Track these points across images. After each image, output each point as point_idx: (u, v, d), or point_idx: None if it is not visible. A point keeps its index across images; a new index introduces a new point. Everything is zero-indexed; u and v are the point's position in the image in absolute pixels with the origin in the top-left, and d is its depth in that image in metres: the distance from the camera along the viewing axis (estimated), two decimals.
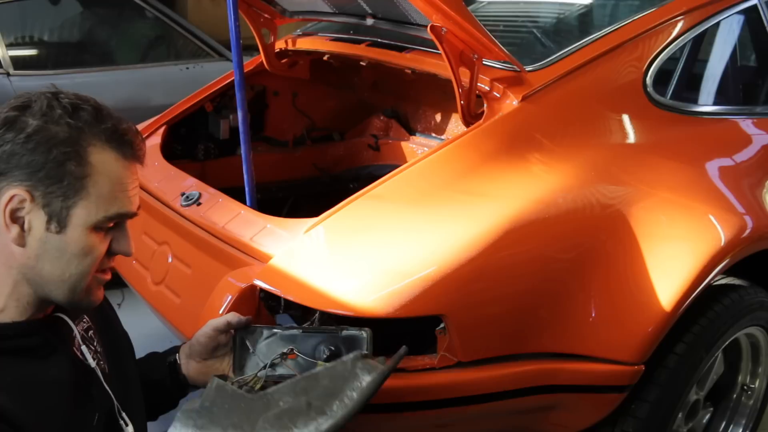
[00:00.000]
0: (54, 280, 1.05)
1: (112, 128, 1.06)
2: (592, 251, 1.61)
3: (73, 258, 1.05)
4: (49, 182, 1.01)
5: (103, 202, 1.05)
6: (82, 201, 1.03)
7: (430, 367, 1.49)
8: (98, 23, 4.28)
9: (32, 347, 1.06)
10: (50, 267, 1.04)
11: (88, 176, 1.03)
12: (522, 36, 2.31)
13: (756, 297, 1.90)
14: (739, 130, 2.15)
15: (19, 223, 1.01)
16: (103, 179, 1.04)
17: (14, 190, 1.00)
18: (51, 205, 1.02)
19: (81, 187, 1.02)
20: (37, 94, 1.04)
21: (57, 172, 1.01)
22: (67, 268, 1.05)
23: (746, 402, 2.17)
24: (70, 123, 1.02)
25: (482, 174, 1.68)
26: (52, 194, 1.01)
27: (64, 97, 1.04)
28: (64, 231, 1.03)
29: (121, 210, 1.07)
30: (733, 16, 2.16)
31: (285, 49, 2.44)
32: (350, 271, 1.53)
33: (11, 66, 3.47)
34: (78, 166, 1.02)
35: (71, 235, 1.03)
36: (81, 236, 1.04)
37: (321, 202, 1.86)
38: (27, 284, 1.05)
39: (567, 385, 1.61)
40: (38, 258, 1.03)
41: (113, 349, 1.25)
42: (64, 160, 1.01)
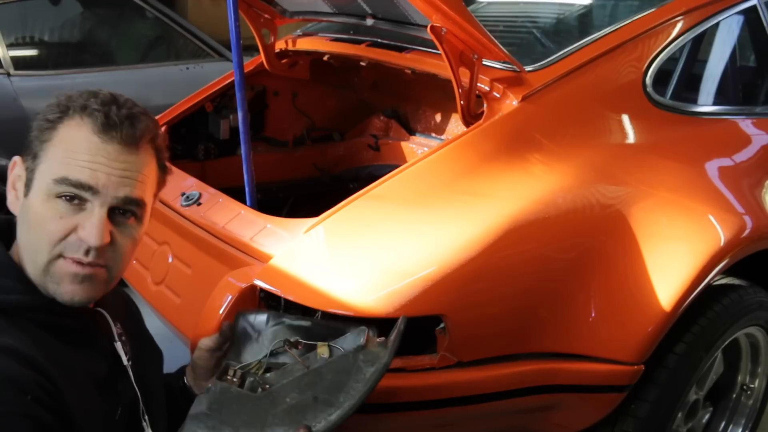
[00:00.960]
0: (25, 249, 1.08)
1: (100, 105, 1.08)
2: (591, 251, 1.61)
3: (32, 224, 1.06)
4: (27, 149, 1.09)
5: (55, 166, 1.06)
6: (42, 164, 1.07)
7: (430, 367, 1.49)
8: (98, 23, 4.28)
9: (72, 329, 1.10)
10: (21, 234, 1.09)
11: (49, 141, 1.07)
12: (522, 36, 2.31)
13: (755, 297, 1.91)
14: (739, 131, 2.15)
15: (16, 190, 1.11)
16: (62, 145, 1.07)
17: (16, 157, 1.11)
18: (27, 170, 1.08)
19: (42, 150, 1.07)
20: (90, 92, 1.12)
21: (33, 139, 1.09)
22: (29, 236, 1.07)
23: (746, 402, 2.17)
24: (69, 102, 1.09)
25: (482, 174, 1.68)
26: (27, 158, 1.09)
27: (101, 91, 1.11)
28: (29, 194, 1.07)
29: (68, 175, 1.05)
30: (732, 16, 2.16)
31: (285, 50, 2.44)
32: (350, 271, 1.53)
33: (12, 66, 3.47)
34: (46, 132, 1.07)
35: (32, 199, 1.07)
36: (38, 202, 1.06)
37: (321, 202, 1.86)
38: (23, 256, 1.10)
39: (567, 385, 1.61)
40: (19, 225, 1.09)
41: (142, 358, 1.28)
42: (41, 130, 1.08)
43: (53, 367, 1.02)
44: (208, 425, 1.15)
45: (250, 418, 1.17)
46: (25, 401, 0.95)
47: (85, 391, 1.08)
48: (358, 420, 1.44)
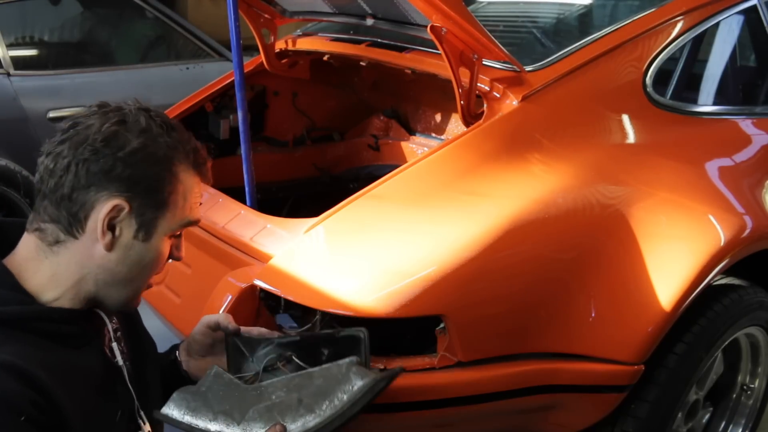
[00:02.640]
0: (123, 283, 1.14)
1: (195, 149, 1.17)
2: (591, 251, 1.61)
3: (149, 264, 1.15)
4: (146, 195, 1.10)
5: (181, 213, 1.16)
6: (168, 213, 1.13)
7: (430, 367, 1.49)
8: (98, 23, 4.28)
9: (70, 335, 1.11)
10: (126, 271, 1.13)
11: (176, 191, 1.14)
12: (522, 36, 2.31)
13: (755, 297, 1.91)
14: (739, 131, 2.15)
15: (112, 230, 1.09)
16: (186, 194, 1.16)
17: (116, 200, 1.08)
18: (144, 216, 1.11)
19: (171, 201, 1.13)
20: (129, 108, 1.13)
21: (154, 186, 1.11)
22: (140, 273, 1.15)
23: (746, 402, 2.17)
24: (168, 142, 1.12)
25: (482, 174, 1.68)
26: (146, 206, 1.11)
27: (155, 114, 1.14)
28: (149, 239, 1.13)
29: (192, 219, 1.19)
30: (732, 16, 2.16)
31: (285, 49, 2.44)
32: (350, 271, 1.53)
33: (11, 66, 3.47)
34: (171, 183, 1.12)
35: (154, 243, 1.14)
36: (160, 244, 1.15)
37: (321, 202, 1.86)
38: (93, 283, 1.12)
39: (567, 385, 1.61)
40: (118, 262, 1.12)
41: (138, 352, 1.29)
42: (161, 176, 1.11)
43: (52, 378, 1.02)
44: (190, 405, 1.20)
45: (232, 407, 1.20)
46: (18, 422, 0.96)
47: (86, 398, 1.09)
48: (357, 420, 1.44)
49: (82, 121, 1.11)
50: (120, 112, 1.12)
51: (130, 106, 1.14)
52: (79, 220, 1.09)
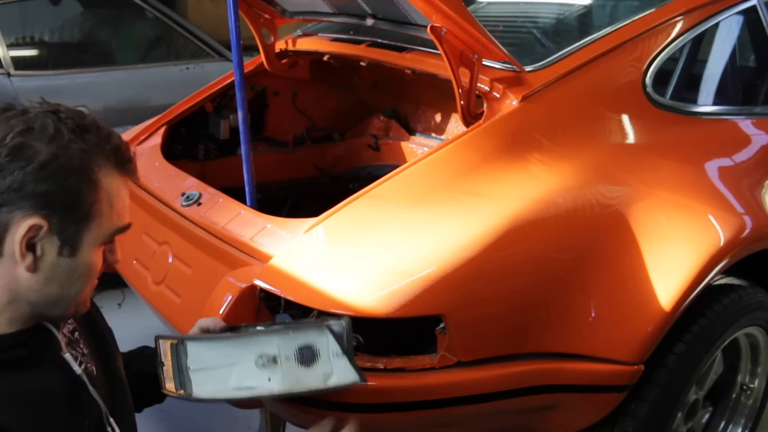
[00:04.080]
0: (58, 300, 1.06)
1: (115, 148, 1.06)
2: (591, 251, 1.61)
3: (81, 277, 1.06)
4: (65, 209, 1.00)
5: (110, 221, 1.06)
6: (93, 223, 1.04)
7: (430, 367, 1.49)
8: (98, 23, 4.28)
9: (19, 359, 1.05)
10: (58, 289, 1.05)
11: (100, 200, 1.03)
12: (522, 36, 2.31)
13: (755, 297, 1.91)
14: (739, 131, 2.15)
15: (32, 250, 1.00)
16: (111, 199, 1.05)
17: (32, 219, 0.98)
18: (65, 231, 1.01)
19: (94, 211, 1.03)
20: (34, 112, 1.02)
21: (73, 199, 1.01)
22: (74, 287, 1.06)
23: (745, 401, 2.17)
24: (82, 148, 1.01)
25: (482, 174, 1.68)
26: (67, 220, 1.01)
27: (65, 116, 1.02)
28: (76, 254, 1.03)
29: (122, 224, 1.09)
30: (732, 16, 2.16)
31: (285, 50, 2.44)
32: (350, 271, 1.53)
33: (12, 66, 3.47)
34: (91, 192, 1.02)
35: (82, 256, 1.04)
36: (90, 256, 1.05)
37: (321, 202, 1.86)
38: (26, 305, 1.04)
39: (567, 385, 1.61)
40: (47, 282, 1.03)
41: (100, 347, 1.25)
42: (80, 188, 1.01)
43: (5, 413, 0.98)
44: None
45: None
46: None
47: (47, 421, 1.05)
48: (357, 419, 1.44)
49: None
50: (25, 116, 1.00)
51: (36, 109, 1.02)
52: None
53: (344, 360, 1.25)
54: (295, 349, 1.25)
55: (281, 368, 1.25)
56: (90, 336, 1.23)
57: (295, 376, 1.25)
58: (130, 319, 1.44)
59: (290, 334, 1.26)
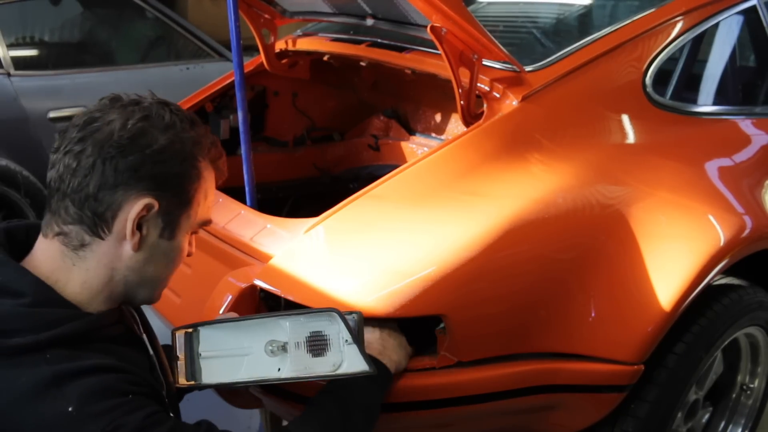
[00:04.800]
0: (151, 281, 1.15)
1: (213, 141, 1.16)
2: (591, 251, 1.61)
3: (173, 261, 1.16)
4: (173, 192, 1.10)
5: (204, 211, 1.16)
6: (192, 210, 1.13)
7: (430, 367, 1.49)
8: (98, 23, 4.28)
9: (118, 335, 1.14)
10: (153, 270, 1.13)
11: (199, 189, 1.13)
12: (522, 36, 2.31)
13: (755, 297, 1.91)
14: (739, 131, 2.15)
15: (140, 229, 1.08)
16: (207, 190, 1.15)
17: (146, 199, 1.06)
18: (171, 214, 1.11)
19: (194, 198, 1.13)
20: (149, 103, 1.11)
21: (181, 184, 1.10)
22: (165, 271, 1.16)
23: (745, 402, 2.17)
24: (192, 138, 1.11)
25: (482, 174, 1.68)
26: (173, 204, 1.10)
27: (176, 109, 1.12)
28: (174, 238, 1.13)
29: (209, 217, 1.20)
30: (732, 16, 2.16)
31: (285, 50, 2.44)
32: (350, 271, 1.53)
33: (12, 66, 3.47)
34: (195, 180, 1.12)
35: (177, 240, 1.14)
36: (183, 242, 1.15)
37: (321, 202, 1.86)
38: (123, 284, 1.12)
39: (567, 385, 1.61)
40: (146, 261, 1.11)
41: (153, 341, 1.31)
42: (188, 174, 1.11)
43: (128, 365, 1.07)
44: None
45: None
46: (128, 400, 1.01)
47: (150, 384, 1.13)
48: None
49: (99, 117, 1.07)
50: (140, 106, 1.10)
51: (148, 100, 1.12)
52: (106, 221, 1.06)
53: (354, 348, 1.24)
54: (306, 337, 1.25)
55: (290, 355, 1.25)
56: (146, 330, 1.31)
57: (304, 363, 1.25)
58: None
59: (301, 320, 1.26)
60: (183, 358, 1.28)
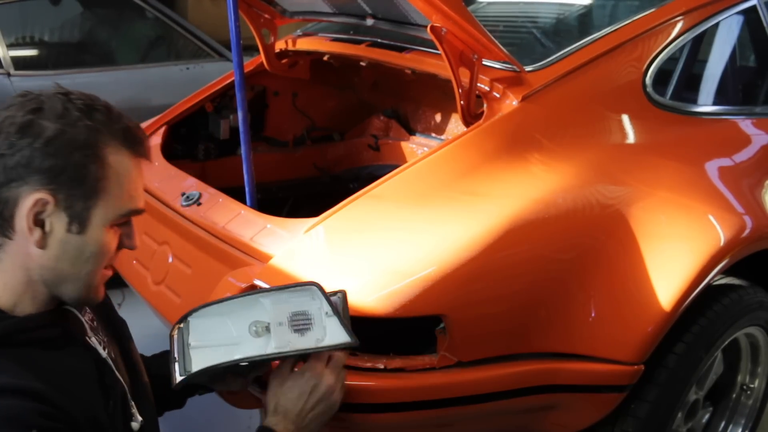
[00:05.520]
0: (71, 279, 1.08)
1: (125, 128, 1.09)
2: (591, 251, 1.61)
3: (92, 257, 1.08)
4: (72, 185, 1.03)
5: (119, 201, 1.08)
6: (101, 201, 1.06)
7: (430, 367, 1.49)
8: (98, 23, 4.29)
9: (51, 338, 1.09)
10: (69, 267, 1.07)
11: (106, 177, 1.05)
12: (522, 36, 2.31)
13: (755, 297, 1.91)
14: (739, 131, 2.15)
15: (41, 225, 1.03)
16: (120, 178, 1.07)
17: (38, 194, 1.01)
18: (73, 207, 1.04)
19: (101, 188, 1.05)
20: (47, 94, 1.06)
21: (79, 175, 1.03)
22: (84, 267, 1.08)
23: (746, 402, 2.17)
24: (88, 125, 1.04)
25: (482, 174, 1.68)
26: (74, 196, 1.04)
27: (75, 97, 1.06)
28: (85, 231, 1.06)
29: (134, 207, 1.11)
30: (732, 16, 2.16)
31: (285, 50, 2.44)
32: (350, 271, 1.53)
33: (12, 66, 3.47)
34: (98, 168, 1.04)
35: (91, 234, 1.06)
36: (99, 235, 1.07)
37: (321, 202, 1.86)
38: (42, 284, 1.07)
39: (567, 385, 1.61)
40: (57, 259, 1.06)
41: (116, 336, 1.28)
42: (86, 163, 1.03)
43: (49, 386, 1.01)
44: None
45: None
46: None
47: (82, 397, 1.08)
48: (357, 419, 1.44)
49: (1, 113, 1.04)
50: (37, 99, 1.04)
51: (49, 92, 1.07)
52: (6, 220, 1.03)
53: (335, 320, 1.25)
54: (288, 316, 1.26)
55: (274, 334, 1.25)
56: (106, 325, 1.27)
57: (287, 339, 1.25)
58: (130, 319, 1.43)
59: (283, 297, 1.28)
60: (177, 356, 1.28)
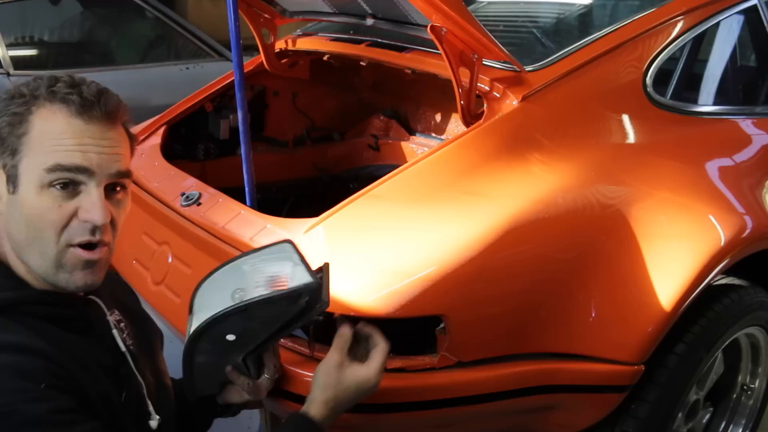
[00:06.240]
0: (24, 245, 1.09)
1: (64, 88, 1.08)
2: (592, 251, 1.61)
3: (30, 219, 1.07)
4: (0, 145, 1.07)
5: (42, 156, 1.06)
6: (25, 158, 1.07)
7: (430, 367, 1.49)
8: (98, 23, 4.29)
9: (69, 318, 1.12)
10: (16, 230, 1.09)
11: (27, 133, 1.07)
12: (522, 36, 2.31)
13: (756, 297, 1.90)
14: (739, 130, 2.15)
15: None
16: (42, 134, 1.07)
17: None
18: (6, 166, 1.07)
19: (21, 143, 1.07)
20: None
21: (3, 135, 1.07)
22: (28, 232, 1.08)
23: (746, 402, 2.17)
24: (24, 92, 1.08)
25: (482, 174, 1.68)
26: (2, 154, 1.07)
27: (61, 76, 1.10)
28: (17, 190, 1.07)
29: (60, 161, 1.06)
30: (733, 16, 2.16)
31: (285, 49, 2.44)
32: (350, 271, 1.52)
33: (11, 66, 3.47)
34: (19, 125, 1.07)
35: (23, 194, 1.07)
36: (32, 196, 1.07)
37: (321, 202, 1.86)
38: (16, 255, 1.11)
39: (567, 385, 1.61)
40: (9, 221, 1.09)
41: (142, 335, 1.30)
42: (9, 122, 1.07)
43: (60, 353, 1.04)
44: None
45: None
46: (39, 389, 0.98)
47: (93, 374, 1.10)
48: (357, 419, 1.44)
49: None
50: None
51: None
52: None
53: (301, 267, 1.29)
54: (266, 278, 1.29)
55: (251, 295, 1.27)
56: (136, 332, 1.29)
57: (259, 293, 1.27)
58: None
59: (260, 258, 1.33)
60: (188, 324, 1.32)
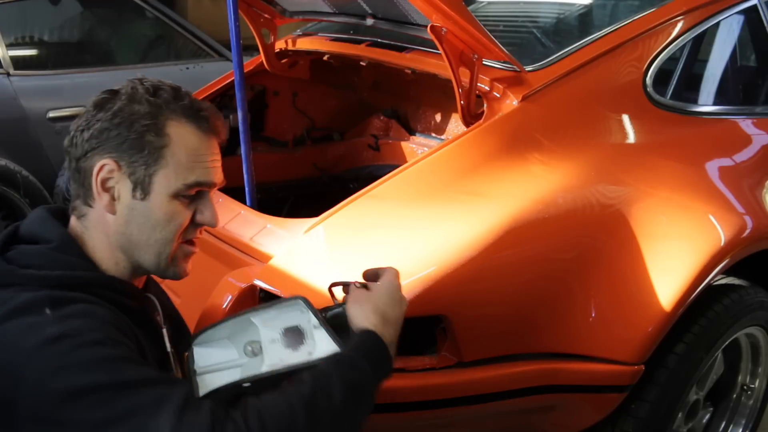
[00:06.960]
0: (141, 245, 1.17)
1: (188, 104, 1.17)
2: (592, 251, 1.61)
3: (157, 224, 1.16)
4: (132, 152, 1.13)
5: (182, 171, 1.15)
6: (162, 170, 1.14)
7: (431, 367, 1.49)
8: (98, 23, 4.28)
9: (132, 309, 1.18)
10: (137, 232, 1.16)
11: (166, 146, 1.14)
12: (522, 36, 2.31)
13: (756, 297, 1.91)
14: (739, 130, 2.15)
15: (109, 191, 1.14)
16: (180, 150, 1.15)
17: (104, 161, 1.13)
18: (135, 174, 1.14)
19: (160, 157, 1.14)
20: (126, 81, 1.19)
21: (138, 143, 1.13)
22: (152, 234, 1.17)
23: (746, 402, 2.17)
24: (150, 100, 1.14)
25: (482, 174, 1.68)
26: (135, 163, 1.13)
27: (147, 81, 1.18)
28: (148, 198, 1.15)
29: (199, 179, 1.17)
30: (733, 16, 2.16)
31: (285, 49, 2.44)
32: (350, 271, 1.52)
33: (11, 66, 3.46)
34: (156, 138, 1.13)
35: (154, 201, 1.15)
36: (163, 203, 1.15)
37: (321, 202, 1.86)
38: (120, 250, 1.17)
39: (567, 385, 1.61)
40: (127, 224, 1.16)
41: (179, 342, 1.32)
42: (144, 132, 1.13)
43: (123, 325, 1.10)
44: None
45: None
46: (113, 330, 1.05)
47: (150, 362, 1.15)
48: None
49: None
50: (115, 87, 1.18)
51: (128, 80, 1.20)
52: (87, 189, 1.15)
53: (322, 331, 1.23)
54: (281, 332, 1.25)
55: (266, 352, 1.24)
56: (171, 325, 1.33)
57: (279, 356, 1.23)
58: None
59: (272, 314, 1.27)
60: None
